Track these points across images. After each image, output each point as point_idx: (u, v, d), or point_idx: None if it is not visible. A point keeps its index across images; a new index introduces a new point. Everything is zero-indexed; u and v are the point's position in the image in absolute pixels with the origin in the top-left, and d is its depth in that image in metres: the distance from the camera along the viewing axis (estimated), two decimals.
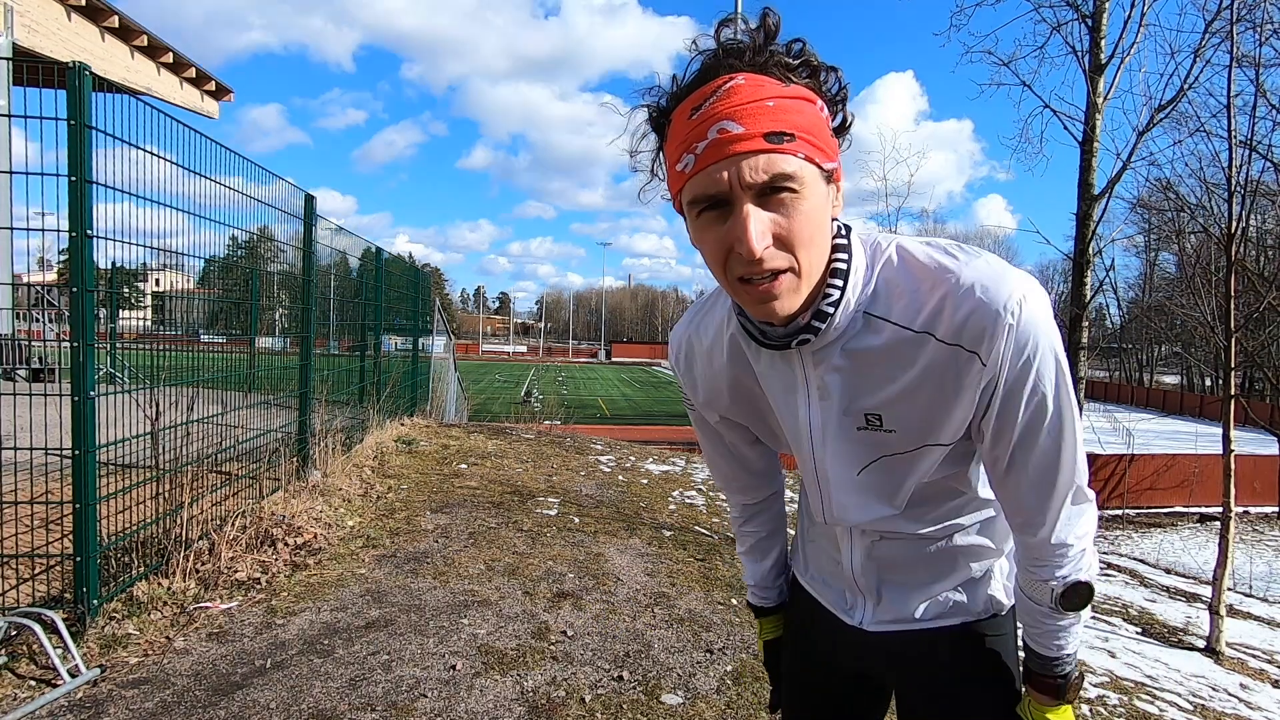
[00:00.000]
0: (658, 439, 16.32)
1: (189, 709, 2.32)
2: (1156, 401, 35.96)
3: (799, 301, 0.77)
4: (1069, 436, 0.82)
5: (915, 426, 0.85)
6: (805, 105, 0.73)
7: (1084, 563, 0.89)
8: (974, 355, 0.77)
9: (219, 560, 3.34)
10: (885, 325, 0.81)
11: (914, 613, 1.01)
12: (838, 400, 0.87)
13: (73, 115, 2.57)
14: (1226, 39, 5.89)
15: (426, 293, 10.70)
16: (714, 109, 0.71)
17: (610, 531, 4.63)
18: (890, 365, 0.82)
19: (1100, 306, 35.98)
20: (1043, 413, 0.80)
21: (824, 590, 1.11)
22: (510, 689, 2.56)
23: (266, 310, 5.40)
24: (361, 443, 6.10)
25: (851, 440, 0.89)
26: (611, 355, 78.45)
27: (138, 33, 10.25)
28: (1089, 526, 0.89)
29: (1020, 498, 0.87)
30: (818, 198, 0.74)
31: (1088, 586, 0.89)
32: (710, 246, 0.76)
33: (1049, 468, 0.83)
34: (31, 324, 10.28)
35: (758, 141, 0.70)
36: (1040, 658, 0.94)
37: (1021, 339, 0.76)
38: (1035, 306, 0.76)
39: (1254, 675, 3.76)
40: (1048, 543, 0.88)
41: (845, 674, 1.12)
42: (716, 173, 0.71)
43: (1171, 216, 12.53)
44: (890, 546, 1.00)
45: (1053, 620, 0.91)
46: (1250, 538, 14.12)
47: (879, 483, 0.92)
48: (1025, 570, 0.93)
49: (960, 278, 0.77)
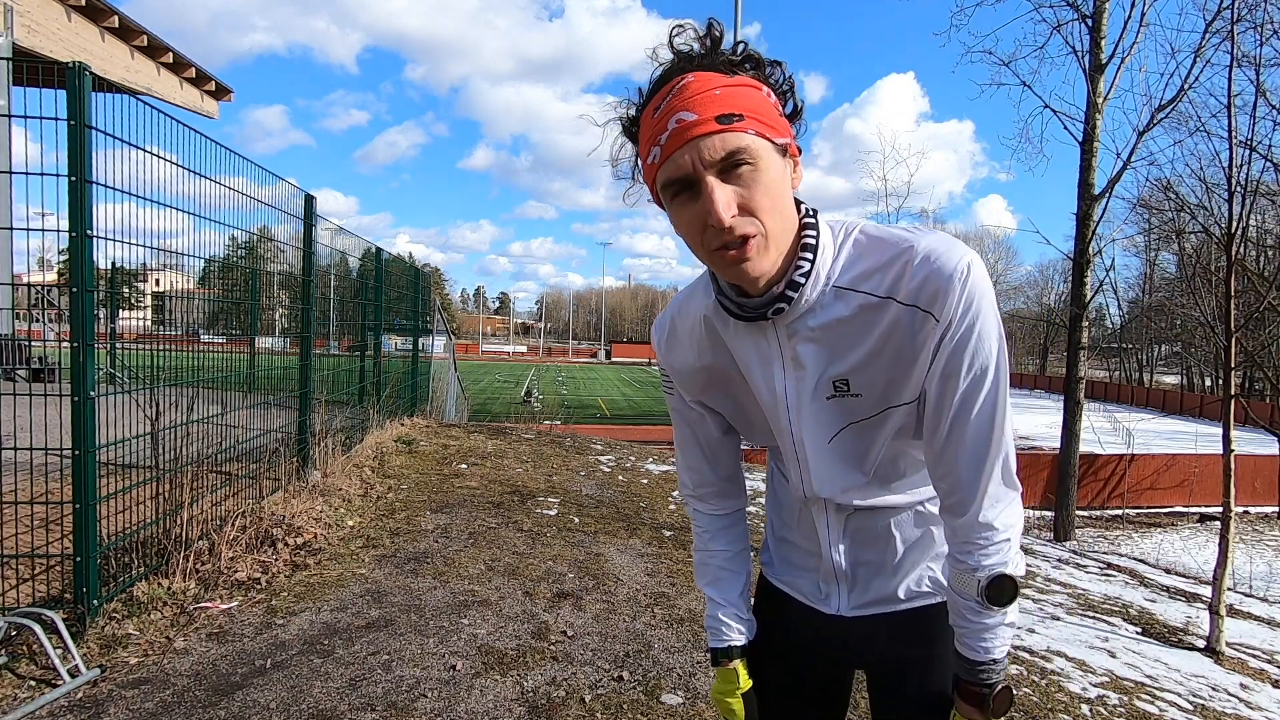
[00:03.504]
0: (658, 439, 16.31)
1: (189, 709, 2.32)
2: (1156, 401, 35.94)
3: (768, 263, 0.85)
4: (1002, 405, 0.88)
5: (879, 388, 0.92)
6: (751, 91, 0.82)
7: (1010, 555, 0.92)
8: (929, 314, 0.85)
9: (219, 560, 3.34)
10: (853, 295, 0.89)
11: (893, 592, 1.05)
12: (810, 370, 0.93)
13: (73, 115, 2.57)
14: (1227, 39, 5.89)
15: (426, 293, 10.70)
16: (671, 104, 0.81)
17: (610, 531, 4.62)
18: (858, 332, 0.90)
19: (1100, 306, 36.05)
20: (983, 376, 0.87)
21: (797, 582, 1.13)
22: (510, 689, 2.56)
23: (266, 310, 5.40)
24: (361, 443, 6.10)
25: (822, 408, 0.95)
26: (611, 355, 78.44)
27: (138, 33, 10.25)
28: (1015, 518, 0.93)
29: (955, 470, 0.91)
30: (775, 170, 0.82)
31: (1013, 581, 0.92)
32: (686, 225, 0.84)
33: (984, 439, 0.89)
34: (31, 324, 10.28)
35: (710, 124, 0.78)
36: (967, 662, 0.96)
37: (969, 298, 0.84)
38: (979, 272, 0.85)
39: (1254, 675, 3.76)
40: (976, 522, 0.92)
41: (820, 666, 1.14)
42: (680, 158, 0.80)
43: (1171, 216, 12.54)
44: (865, 519, 1.04)
45: (979, 617, 0.94)
46: (1250, 537, 14.11)
47: (849, 449, 0.98)
48: (953, 560, 0.96)
49: (916, 247, 0.86)
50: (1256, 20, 6.52)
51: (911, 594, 1.05)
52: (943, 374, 0.87)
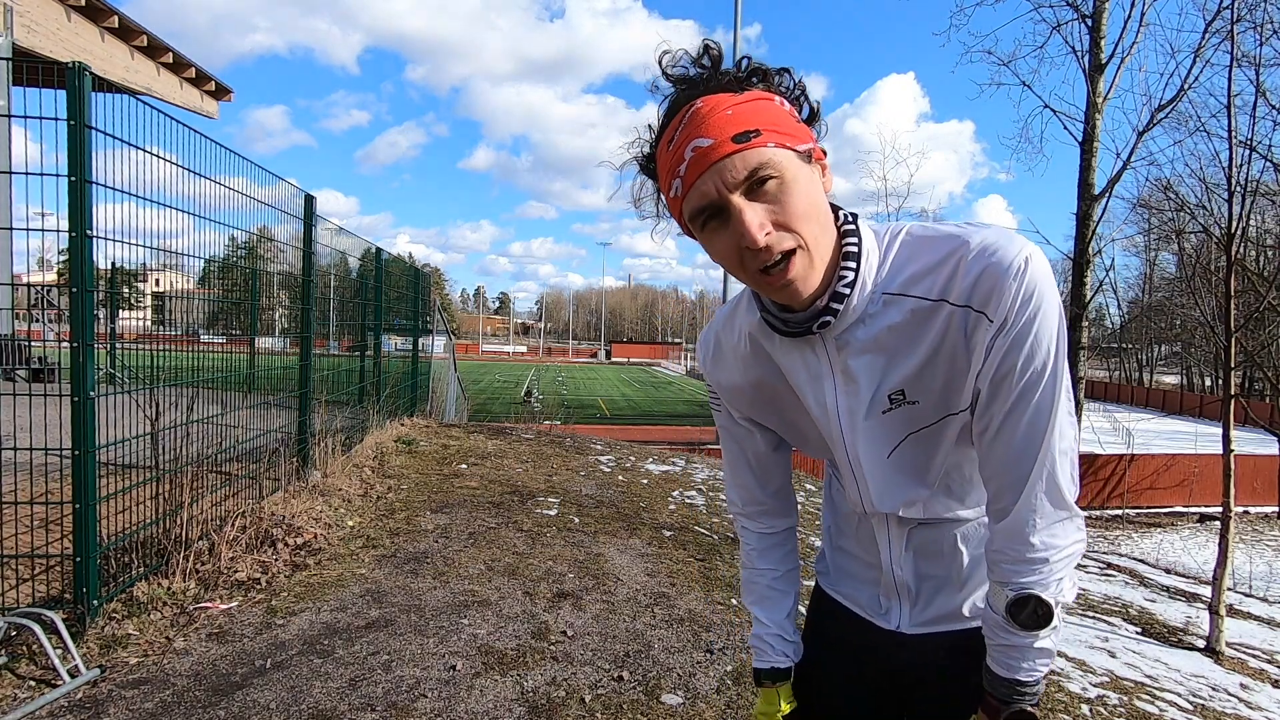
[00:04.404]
0: (658, 439, 16.34)
1: (189, 709, 2.32)
2: (1156, 401, 35.91)
3: (816, 278, 0.82)
4: (1056, 415, 0.81)
5: (937, 394, 0.87)
6: (763, 103, 0.79)
7: (1047, 577, 0.84)
8: (981, 315, 0.80)
9: (219, 560, 3.34)
10: (905, 300, 0.84)
11: (957, 609, 1.00)
12: (864, 385, 0.89)
13: (73, 115, 2.57)
14: (1226, 39, 5.89)
15: (426, 293, 10.70)
16: (685, 133, 0.78)
17: (610, 531, 4.62)
18: (912, 338, 0.85)
19: (1100, 306, 36.01)
20: (1037, 381, 0.80)
21: (856, 595, 1.09)
22: (510, 689, 2.56)
23: (266, 310, 5.39)
24: (361, 443, 6.10)
25: (879, 422, 0.91)
26: (611, 355, 78.44)
27: (137, 33, 10.25)
28: (1061, 539, 0.84)
29: (998, 476, 0.85)
30: (802, 178, 0.79)
31: (1044, 605, 0.83)
32: (723, 253, 0.81)
33: (1030, 448, 0.82)
34: (31, 324, 10.28)
35: (727, 145, 0.76)
36: (991, 674, 0.89)
37: (1026, 294, 0.78)
38: (1039, 266, 0.78)
39: (1254, 675, 3.76)
40: (1012, 534, 0.85)
41: (873, 684, 1.09)
42: (703, 185, 0.77)
43: (1171, 216, 12.53)
44: (929, 533, 0.99)
45: (1005, 634, 0.87)
46: (1250, 537, 14.11)
47: (910, 461, 0.93)
48: (989, 568, 0.90)
49: (970, 243, 0.81)
50: (1256, 20, 6.53)
51: (976, 611, 0.98)
52: (994, 376, 0.81)
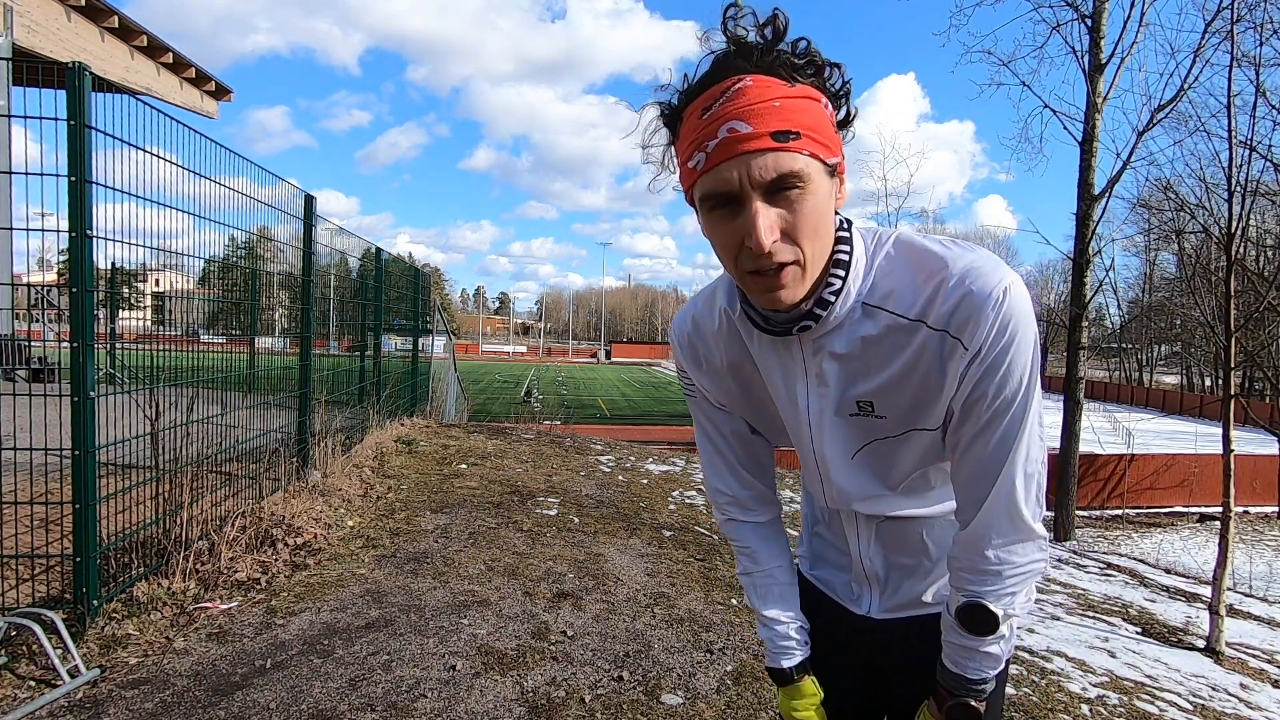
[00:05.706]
0: (658, 439, 16.32)
1: (189, 709, 2.32)
2: (1156, 401, 35.90)
3: (803, 291, 0.81)
4: (1023, 442, 0.83)
5: (904, 412, 0.88)
6: (810, 104, 0.75)
7: (1001, 592, 0.87)
8: (958, 341, 0.81)
9: (219, 560, 3.34)
10: (882, 314, 0.85)
11: (921, 597, 1.03)
12: (834, 388, 0.90)
13: (73, 115, 2.57)
14: (1226, 38, 5.89)
15: (426, 293, 10.70)
16: (724, 109, 0.73)
17: (610, 531, 4.62)
18: (885, 353, 0.86)
19: (1100, 306, 36.02)
20: (1006, 409, 0.82)
21: (831, 580, 1.13)
22: (510, 689, 2.56)
23: (266, 310, 5.39)
24: (361, 443, 6.10)
25: (846, 423, 0.93)
26: (611, 355, 78.44)
27: (137, 33, 10.25)
28: (1018, 557, 0.86)
29: (963, 491, 0.89)
30: (822, 193, 0.77)
31: (990, 614, 0.87)
32: (722, 241, 0.79)
33: (994, 470, 0.84)
34: (31, 324, 10.27)
35: (765, 140, 0.72)
36: (943, 667, 0.95)
37: (1003, 324, 0.78)
38: (1018, 296, 0.79)
39: (1254, 675, 3.76)
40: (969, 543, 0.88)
41: (853, 664, 1.13)
42: (727, 171, 0.74)
43: (1171, 216, 12.54)
44: (895, 527, 1.02)
45: (957, 635, 0.92)
46: (1250, 537, 14.11)
47: (873, 464, 0.96)
48: (949, 571, 0.94)
49: (952, 268, 0.81)
50: (1256, 20, 6.53)
51: (940, 597, 1.02)
52: (966, 400, 0.83)
